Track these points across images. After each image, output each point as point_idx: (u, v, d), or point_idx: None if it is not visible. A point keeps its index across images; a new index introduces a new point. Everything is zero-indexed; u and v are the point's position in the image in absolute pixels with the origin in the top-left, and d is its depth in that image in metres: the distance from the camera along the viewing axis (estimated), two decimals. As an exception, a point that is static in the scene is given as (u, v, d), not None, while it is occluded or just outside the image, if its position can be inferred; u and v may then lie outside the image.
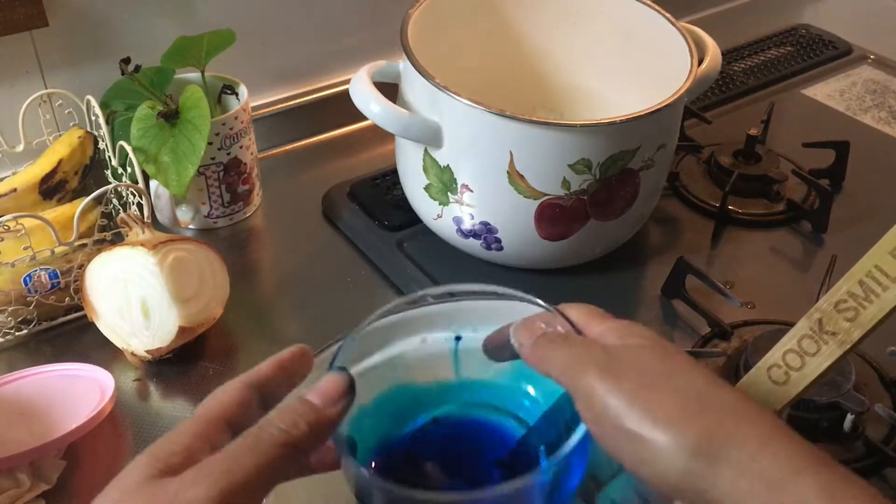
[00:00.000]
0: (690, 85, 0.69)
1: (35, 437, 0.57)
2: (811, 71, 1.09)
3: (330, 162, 0.92)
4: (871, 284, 0.45)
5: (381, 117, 0.68)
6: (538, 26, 0.84)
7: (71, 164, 0.77)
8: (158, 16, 0.83)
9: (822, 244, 0.82)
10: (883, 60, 1.11)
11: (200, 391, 0.65)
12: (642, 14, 0.78)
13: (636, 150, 0.67)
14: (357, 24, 0.95)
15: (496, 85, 0.81)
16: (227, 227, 0.82)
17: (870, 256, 0.46)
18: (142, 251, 0.64)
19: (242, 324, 0.71)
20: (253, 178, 0.82)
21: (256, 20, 0.88)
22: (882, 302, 0.45)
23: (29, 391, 0.62)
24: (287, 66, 0.94)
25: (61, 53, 0.80)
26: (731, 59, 1.09)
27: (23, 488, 0.57)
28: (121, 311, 0.65)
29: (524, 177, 0.66)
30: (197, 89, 0.73)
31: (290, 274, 0.78)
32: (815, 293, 0.70)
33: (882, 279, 0.45)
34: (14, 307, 0.67)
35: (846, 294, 0.46)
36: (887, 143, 0.97)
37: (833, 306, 0.46)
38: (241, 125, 0.77)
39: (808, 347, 0.47)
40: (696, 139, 0.92)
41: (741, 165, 0.86)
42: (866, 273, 0.46)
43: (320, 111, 0.95)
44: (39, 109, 0.78)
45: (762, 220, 0.84)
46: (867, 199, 0.87)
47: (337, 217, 0.83)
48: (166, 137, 0.72)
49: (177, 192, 0.72)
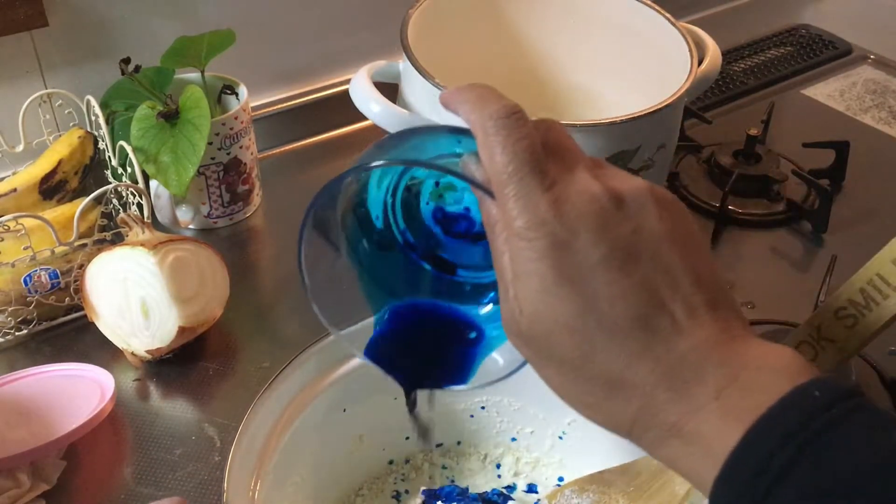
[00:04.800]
0: (690, 85, 0.69)
1: (35, 438, 0.57)
2: (811, 71, 1.09)
3: (330, 162, 0.92)
4: (872, 293, 0.45)
5: (381, 117, 0.68)
6: (538, 26, 0.84)
7: (71, 164, 0.77)
8: (158, 16, 0.83)
9: (822, 244, 0.82)
10: (883, 60, 1.11)
11: (200, 391, 0.65)
12: (642, 14, 0.78)
13: (636, 150, 0.67)
14: (357, 24, 0.95)
15: (496, 85, 0.80)
16: (227, 227, 0.82)
17: (871, 265, 0.46)
18: (142, 251, 0.64)
19: (242, 324, 0.71)
20: (253, 178, 0.82)
21: (256, 20, 0.88)
22: (882, 310, 0.45)
23: (29, 391, 0.62)
24: (287, 66, 0.94)
25: (61, 53, 0.80)
26: (731, 59, 1.09)
27: (23, 488, 0.57)
28: (121, 311, 0.65)
29: (524, 177, 0.66)
30: (197, 89, 0.72)
31: (290, 274, 0.77)
32: (815, 293, 0.70)
33: (883, 288, 0.45)
34: (14, 307, 0.67)
35: (846, 301, 0.46)
36: (887, 143, 0.97)
37: (833, 313, 0.46)
38: (241, 125, 0.77)
39: (806, 354, 0.47)
40: (696, 139, 0.92)
41: (741, 165, 0.86)
42: (867, 281, 0.46)
43: (320, 111, 0.95)
44: (39, 109, 0.78)
45: (762, 220, 0.84)
46: (867, 199, 0.87)
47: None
48: (166, 137, 0.72)
49: (177, 192, 0.72)
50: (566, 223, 0.34)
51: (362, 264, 0.44)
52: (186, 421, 0.63)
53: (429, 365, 0.44)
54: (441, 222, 0.45)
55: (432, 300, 0.45)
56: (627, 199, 0.35)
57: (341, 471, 0.60)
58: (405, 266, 0.45)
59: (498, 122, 0.36)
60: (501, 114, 0.36)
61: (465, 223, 0.44)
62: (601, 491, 0.53)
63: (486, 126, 0.36)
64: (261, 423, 0.54)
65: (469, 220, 0.44)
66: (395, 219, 0.45)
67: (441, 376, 0.44)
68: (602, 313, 0.33)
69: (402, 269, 0.45)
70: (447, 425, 0.63)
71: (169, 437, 0.62)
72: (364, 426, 0.60)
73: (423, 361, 0.45)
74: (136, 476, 0.59)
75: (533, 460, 0.63)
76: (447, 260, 0.45)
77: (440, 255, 0.45)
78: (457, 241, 0.45)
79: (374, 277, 0.45)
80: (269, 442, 0.54)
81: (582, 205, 0.34)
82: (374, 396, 0.59)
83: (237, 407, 0.60)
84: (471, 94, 0.38)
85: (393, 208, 0.44)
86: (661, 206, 0.35)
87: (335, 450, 0.59)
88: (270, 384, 0.54)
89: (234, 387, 0.66)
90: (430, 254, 0.45)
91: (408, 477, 0.62)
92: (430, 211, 0.45)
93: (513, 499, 0.60)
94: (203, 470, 0.60)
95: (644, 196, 0.35)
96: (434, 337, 0.45)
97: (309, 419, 0.56)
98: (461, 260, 0.45)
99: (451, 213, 0.44)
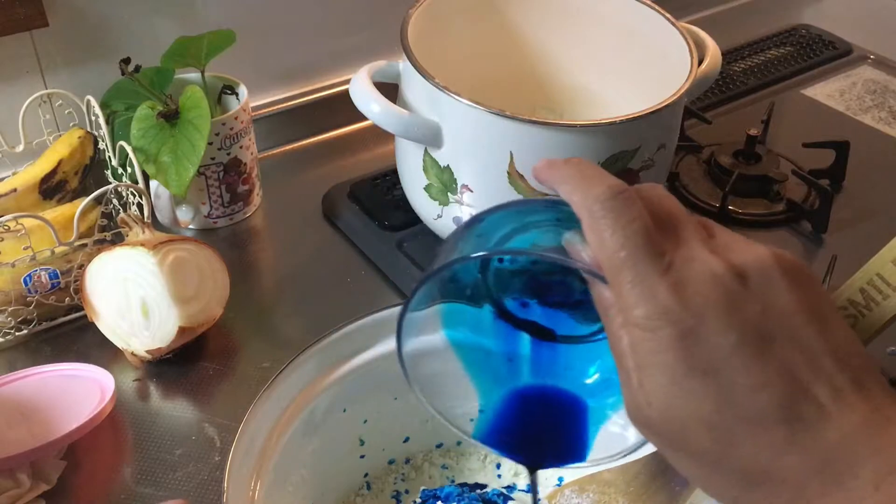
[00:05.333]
0: (690, 85, 0.69)
1: (35, 438, 0.57)
2: (811, 71, 1.09)
3: (330, 162, 0.92)
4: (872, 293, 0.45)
5: (381, 117, 0.68)
6: (538, 26, 0.84)
7: (71, 164, 0.77)
8: (158, 16, 0.83)
9: (822, 244, 0.82)
10: (883, 60, 1.11)
11: (200, 391, 0.65)
12: (642, 14, 0.78)
13: (636, 151, 0.67)
14: (357, 24, 0.95)
15: (496, 85, 0.81)
16: (227, 227, 0.82)
17: (872, 264, 0.46)
18: (142, 251, 0.64)
19: (242, 324, 0.71)
20: (253, 178, 0.82)
21: (256, 20, 0.88)
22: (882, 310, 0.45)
23: (29, 391, 0.62)
24: (287, 66, 0.94)
25: (61, 53, 0.80)
26: (731, 59, 1.09)
27: (23, 488, 0.57)
28: (121, 311, 0.65)
29: (524, 177, 0.66)
30: (197, 89, 0.73)
31: (290, 274, 0.78)
32: (815, 293, 0.69)
33: (883, 287, 0.45)
34: (14, 307, 0.67)
35: (846, 301, 0.46)
36: (887, 143, 0.97)
37: None
38: (241, 125, 0.77)
39: None
40: (696, 139, 0.92)
41: (741, 165, 0.86)
42: (867, 281, 0.46)
43: (320, 111, 0.95)
44: (39, 109, 0.78)
45: (762, 220, 0.84)
46: (867, 199, 0.87)
47: (337, 217, 0.83)
48: (166, 137, 0.72)
49: (177, 193, 0.72)
50: (691, 309, 0.31)
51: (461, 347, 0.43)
52: (186, 421, 0.63)
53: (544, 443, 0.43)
54: (535, 291, 0.43)
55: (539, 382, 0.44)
56: (751, 273, 0.32)
57: (341, 471, 0.60)
58: (503, 339, 0.44)
59: (605, 205, 0.33)
60: (608, 195, 0.34)
61: (560, 294, 0.43)
62: (601, 491, 0.53)
63: (594, 209, 0.34)
64: (261, 423, 0.54)
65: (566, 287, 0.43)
66: (490, 291, 0.43)
67: (558, 453, 0.43)
68: (740, 405, 0.31)
69: (500, 344, 0.44)
70: (447, 425, 0.63)
71: (169, 437, 0.62)
72: (364, 426, 0.60)
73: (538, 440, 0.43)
74: (136, 476, 0.59)
75: (533, 460, 0.63)
76: (545, 327, 0.43)
77: (538, 323, 0.43)
78: (554, 311, 0.43)
79: (474, 360, 0.44)
80: (269, 442, 0.54)
81: (705, 287, 0.32)
82: (374, 397, 0.59)
83: (237, 407, 0.60)
84: (571, 172, 0.36)
85: (486, 281, 0.43)
86: (788, 276, 0.33)
87: (335, 450, 0.59)
88: (270, 384, 0.54)
89: (234, 387, 0.66)
90: (526, 322, 0.43)
91: (408, 477, 0.62)
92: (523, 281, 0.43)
93: (513, 499, 0.60)
94: (203, 470, 0.60)
95: (769, 268, 0.33)
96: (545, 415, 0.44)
97: (309, 419, 0.56)
98: (560, 328, 0.43)
99: (545, 282, 0.43)
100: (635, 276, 0.32)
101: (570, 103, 0.86)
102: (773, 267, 0.33)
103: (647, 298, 0.32)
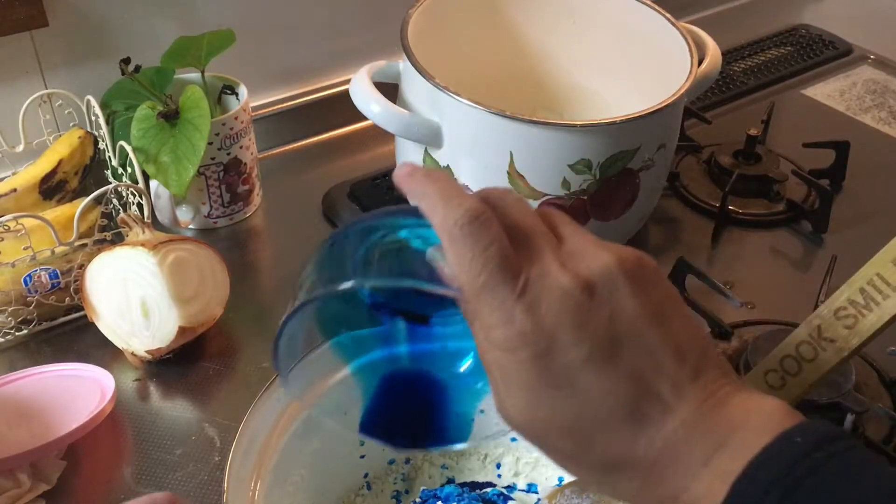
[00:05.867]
0: (690, 85, 0.69)
1: (35, 438, 0.57)
2: (811, 71, 1.09)
3: (330, 162, 0.92)
4: (872, 292, 0.45)
5: (381, 117, 0.68)
6: (538, 26, 0.84)
7: (71, 164, 0.77)
8: (158, 16, 0.83)
9: (822, 244, 0.82)
10: (883, 60, 1.11)
11: (200, 391, 0.65)
12: (642, 14, 0.78)
13: (636, 151, 0.67)
14: (357, 24, 0.95)
15: (496, 85, 0.81)
16: (227, 227, 0.82)
17: (871, 264, 0.46)
18: (142, 251, 0.64)
19: (242, 324, 0.71)
20: (253, 178, 0.82)
21: (256, 20, 0.88)
22: (882, 310, 0.45)
23: (29, 391, 0.62)
24: (287, 66, 0.94)
25: (61, 53, 0.80)
26: (731, 59, 1.09)
27: (23, 488, 0.57)
28: (121, 311, 0.65)
29: (524, 177, 0.66)
30: (197, 89, 0.73)
31: (290, 274, 0.77)
32: (815, 293, 0.70)
33: (883, 287, 0.45)
34: (14, 307, 0.67)
35: (846, 301, 0.46)
36: (887, 143, 0.97)
37: (833, 313, 0.46)
38: (241, 125, 0.77)
39: (805, 353, 0.47)
40: (696, 139, 0.92)
41: (741, 165, 0.86)
42: (867, 281, 0.46)
43: (320, 111, 0.95)
44: (39, 109, 0.78)
45: (762, 220, 0.84)
46: (867, 199, 0.87)
47: (337, 217, 0.82)
48: (166, 137, 0.72)
49: (177, 193, 0.72)
50: (544, 329, 0.34)
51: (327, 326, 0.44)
52: (186, 421, 0.63)
53: (423, 427, 0.44)
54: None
55: (415, 368, 0.45)
56: (597, 283, 0.35)
57: (341, 471, 0.60)
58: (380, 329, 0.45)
59: (464, 230, 0.35)
60: (465, 219, 0.35)
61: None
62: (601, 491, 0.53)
63: (453, 233, 0.35)
64: (261, 423, 0.54)
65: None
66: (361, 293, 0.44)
67: (438, 436, 0.44)
68: (595, 410, 0.34)
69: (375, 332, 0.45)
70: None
71: (169, 437, 0.62)
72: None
73: (417, 425, 0.44)
74: (136, 476, 0.59)
75: (533, 460, 0.63)
76: (418, 313, 0.44)
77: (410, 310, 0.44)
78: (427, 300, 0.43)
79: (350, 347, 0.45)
80: (269, 442, 0.54)
81: (556, 305, 0.34)
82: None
83: (237, 407, 0.60)
84: (431, 189, 0.37)
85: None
86: (632, 280, 0.35)
87: (335, 450, 0.59)
88: (270, 384, 0.54)
89: (234, 387, 0.66)
90: (399, 310, 0.44)
91: (408, 477, 0.62)
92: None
93: (513, 499, 0.60)
94: (203, 470, 0.60)
95: (614, 275, 0.35)
96: (422, 400, 0.45)
97: (309, 419, 0.56)
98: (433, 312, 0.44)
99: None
100: (493, 300, 0.34)
101: (570, 103, 0.86)
102: (617, 273, 0.35)
103: (505, 322, 0.34)
